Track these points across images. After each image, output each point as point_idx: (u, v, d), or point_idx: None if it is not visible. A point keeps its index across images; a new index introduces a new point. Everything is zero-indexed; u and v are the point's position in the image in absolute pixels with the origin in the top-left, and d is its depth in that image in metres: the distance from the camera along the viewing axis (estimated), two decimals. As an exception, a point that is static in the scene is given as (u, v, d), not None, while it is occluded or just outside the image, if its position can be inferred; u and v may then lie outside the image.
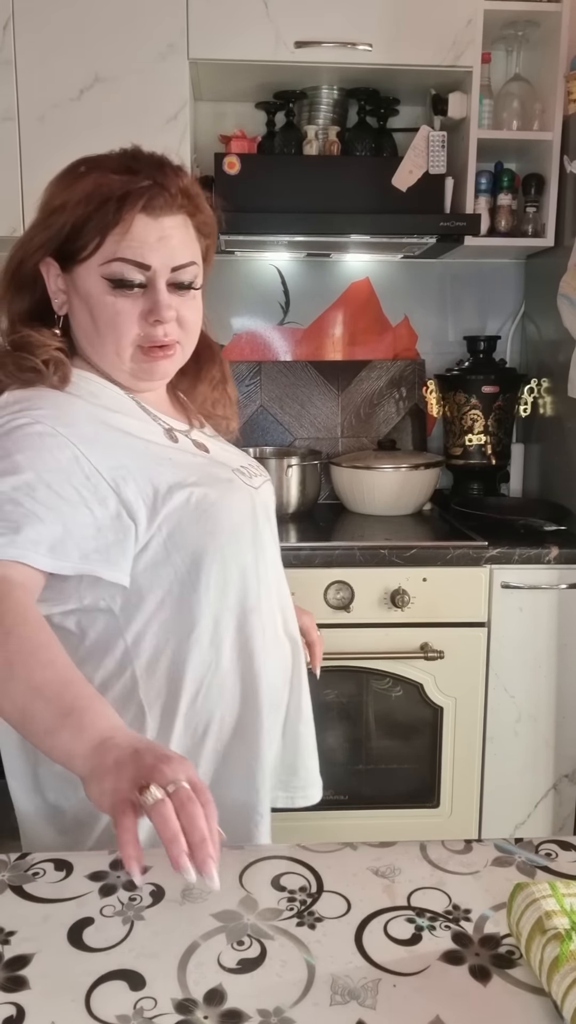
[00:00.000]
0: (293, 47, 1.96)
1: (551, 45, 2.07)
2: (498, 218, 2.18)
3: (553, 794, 1.99)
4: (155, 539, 0.92)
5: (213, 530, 0.95)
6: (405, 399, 2.44)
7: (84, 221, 0.91)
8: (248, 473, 1.08)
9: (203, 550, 0.94)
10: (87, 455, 0.89)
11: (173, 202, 0.93)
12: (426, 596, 1.87)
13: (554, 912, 0.63)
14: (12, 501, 0.82)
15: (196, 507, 0.94)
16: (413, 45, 1.99)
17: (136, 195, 0.91)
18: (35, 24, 1.93)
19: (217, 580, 0.96)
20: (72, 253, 0.93)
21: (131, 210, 0.91)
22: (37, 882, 0.76)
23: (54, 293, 0.97)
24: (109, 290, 0.93)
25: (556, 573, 1.90)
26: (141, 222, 0.91)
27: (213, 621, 0.97)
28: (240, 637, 0.99)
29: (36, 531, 0.82)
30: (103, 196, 0.90)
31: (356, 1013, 0.61)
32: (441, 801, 1.96)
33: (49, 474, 0.85)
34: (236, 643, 0.99)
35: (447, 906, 0.73)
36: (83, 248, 0.92)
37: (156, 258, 0.93)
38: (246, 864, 0.78)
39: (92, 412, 0.95)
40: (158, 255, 0.93)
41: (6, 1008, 0.61)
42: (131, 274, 0.92)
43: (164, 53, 1.95)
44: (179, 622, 0.95)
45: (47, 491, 0.84)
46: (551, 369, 2.22)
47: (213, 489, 0.97)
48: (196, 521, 0.94)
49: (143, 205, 0.91)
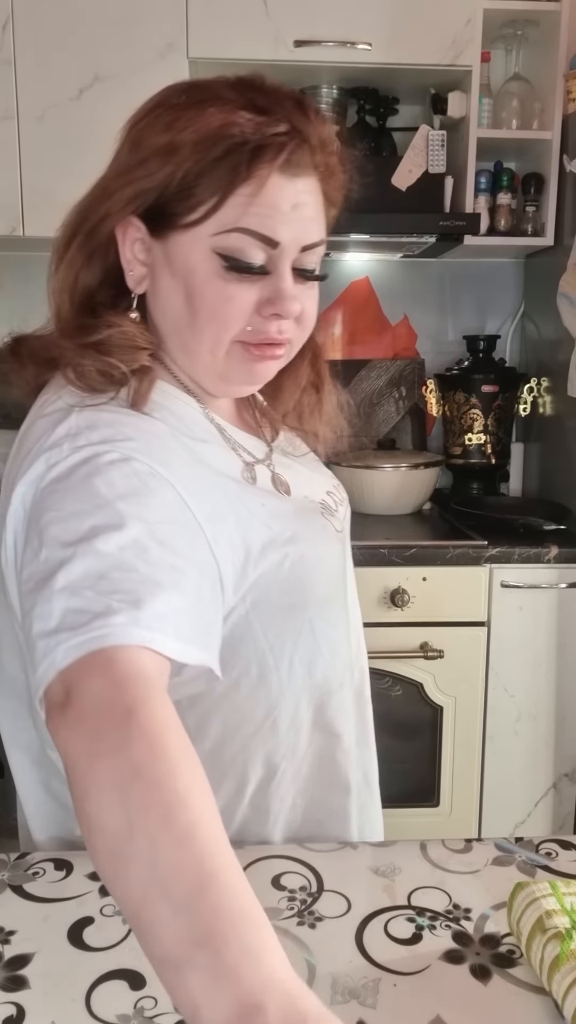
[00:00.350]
0: (292, 46, 1.96)
1: (550, 44, 2.07)
2: (497, 217, 2.18)
3: (553, 793, 1.99)
4: (237, 611, 0.74)
5: (306, 601, 0.79)
6: (405, 398, 2.44)
7: (200, 173, 0.68)
8: (334, 501, 0.90)
9: (292, 624, 0.78)
10: (188, 503, 0.69)
11: (312, 159, 0.71)
12: (426, 595, 1.87)
13: (554, 911, 0.63)
14: (122, 566, 0.60)
15: (289, 573, 0.76)
16: (412, 44, 1.99)
17: (276, 147, 0.68)
18: (34, 23, 1.93)
19: (303, 657, 0.79)
20: (172, 214, 0.70)
21: (267, 165, 0.68)
22: (37, 882, 0.76)
23: (130, 263, 0.74)
24: (220, 270, 0.71)
25: (556, 572, 1.89)
26: (275, 183, 0.69)
27: (294, 702, 0.80)
28: (324, 716, 0.84)
29: (163, 602, 0.59)
30: (232, 142, 0.67)
31: (357, 1013, 0.61)
32: (441, 800, 1.96)
33: (159, 527, 0.64)
34: (318, 723, 0.83)
35: (447, 905, 0.72)
36: (192, 209, 0.69)
37: (287, 232, 0.71)
38: (246, 864, 0.78)
39: (180, 442, 0.74)
40: (289, 229, 0.71)
41: (6, 1008, 0.61)
42: (253, 252, 0.70)
43: (164, 52, 1.95)
44: (253, 705, 0.78)
45: (160, 549, 0.62)
46: (551, 368, 2.22)
47: (308, 545, 0.79)
48: (288, 591, 0.76)
49: (283, 160, 0.68)
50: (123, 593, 0.58)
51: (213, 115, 0.68)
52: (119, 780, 0.50)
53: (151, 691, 0.55)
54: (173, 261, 0.72)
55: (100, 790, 0.50)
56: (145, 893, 0.47)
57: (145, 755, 0.51)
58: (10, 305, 2.24)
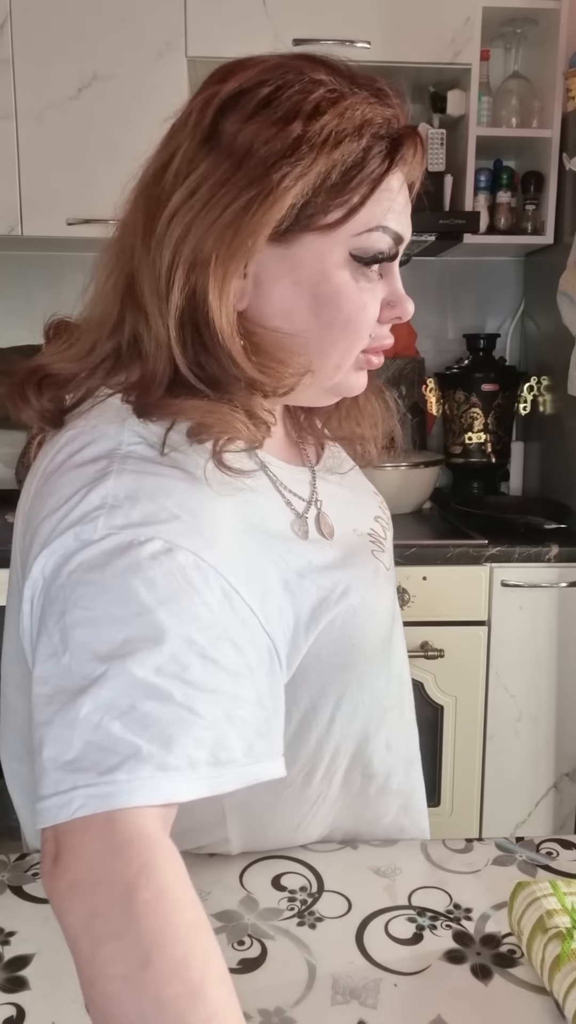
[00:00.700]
0: (291, 45, 1.96)
1: (550, 42, 2.06)
2: (497, 215, 2.18)
3: (554, 793, 1.99)
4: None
5: (356, 659, 0.73)
6: (405, 397, 2.43)
7: (353, 167, 0.62)
8: (382, 527, 0.84)
9: (338, 682, 0.73)
10: (236, 587, 0.62)
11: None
12: (426, 595, 1.87)
13: (555, 911, 0.63)
14: (156, 692, 0.53)
15: (340, 632, 0.70)
16: (411, 42, 1.99)
17: (410, 138, 0.64)
18: (33, 23, 1.93)
19: (345, 712, 0.74)
20: (311, 214, 0.62)
21: (402, 158, 0.64)
22: (37, 883, 0.76)
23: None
24: (353, 274, 0.65)
25: (556, 571, 1.89)
26: (396, 177, 0.65)
27: (331, 754, 0.75)
28: (360, 761, 0.79)
29: (194, 739, 0.54)
30: (375, 132, 0.63)
31: (357, 1013, 0.61)
32: (442, 800, 1.96)
33: (203, 634, 0.57)
34: (353, 768, 0.79)
35: (448, 905, 0.72)
36: (341, 206, 0.62)
37: (406, 230, 0.67)
38: (246, 864, 0.78)
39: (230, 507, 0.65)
40: (407, 225, 0.67)
41: (6, 1009, 0.61)
42: (386, 251, 0.65)
43: (162, 51, 1.95)
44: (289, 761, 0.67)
45: (202, 664, 0.56)
46: (551, 367, 2.22)
47: (358, 597, 0.72)
48: (339, 652, 0.71)
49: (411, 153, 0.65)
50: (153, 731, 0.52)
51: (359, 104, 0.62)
52: (127, 969, 0.45)
53: (153, 854, 0.49)
54: (299, 267, 0.64)
55: (108, 980, 0.46)
56: None
57: (153, 940, 0.46)
58: (9, 306, 2.24)
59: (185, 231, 0.61)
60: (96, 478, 0.60)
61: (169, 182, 0.62)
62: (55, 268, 2.21)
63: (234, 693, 0.58)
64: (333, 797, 0.78)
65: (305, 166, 0.60)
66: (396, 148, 0.63)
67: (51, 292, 2.19)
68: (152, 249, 0.62)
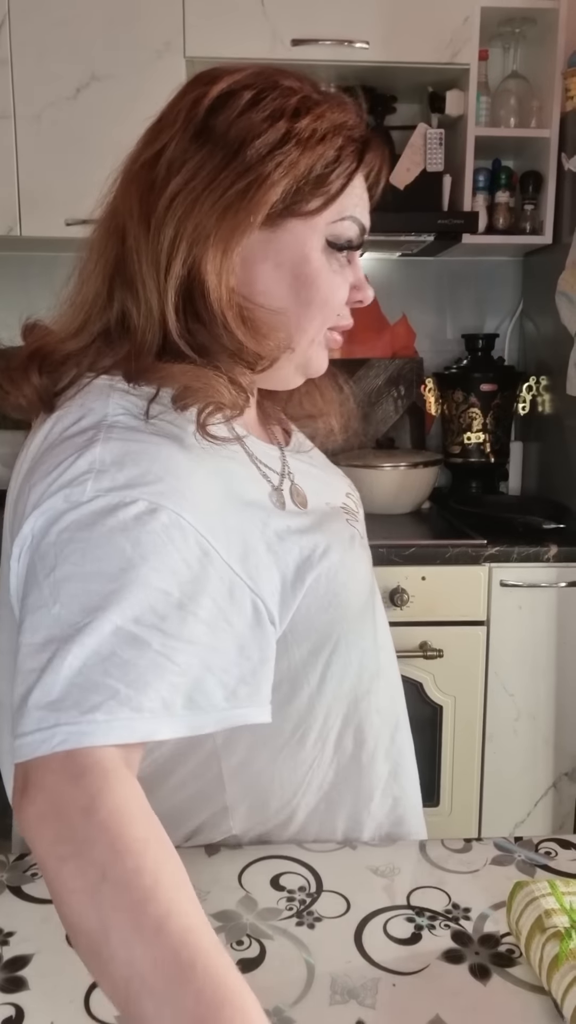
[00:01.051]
0: (290, 45, 1.96)
1: (548, 42, 2.07)
2: (496, 216, 2.18)
3: (553, 792, 1.99)
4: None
5: (343, 616, 0.77)
6: (403, 397, 2.44)
7: (333, 160, 0.71)
8: (354, 503, 0.89)
9: (327, 640, 0.77)
10: (215, 546, 0.66)
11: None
12: (425, 595, 1.87)
13: (554, 910, 0.63)
14: (135, 641, 0.58)
15: (326, 590, 0.74)
16: (410, 42, 1.99)
17: (375, 141, 0.74)
18: (31, 23, 1.93)
19: (335, 671, 0.79)
20: (296, 202, 0.71)
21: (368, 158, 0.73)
22: (36, 883, 0.76)
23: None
24: (327, 257, 0.73)
25: (555, 571, 1.89)
26: (361, 175, 0.74)
27: (323, 715, 0.79)
28: (351, 725, 0.82)
29: (169, 684, 0.59)
30: (347, 135, 0.72)
31: (356, 1012, 0.61)
32: (441, 800, 1.96)
33: (181, 588, 0.62)
34: (345, 732, 0.82)
35: (447, 905, 0.72)
36: (322, 195, 0.71)
37: (367, 223, 0.76)
38: (245, 864, 0.78)
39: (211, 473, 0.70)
40: (368, 219, 0.76)
41: (5, 1009, 0.61)
42: (355, 239, 0.74)
43: (160, 51, 1.95)
44: (282, 721, 0.76)
45: (179, 615, 0.61)
46: (549, 367, 2.22)
47: (338, 557, 0.76)
48: (325, 608, 0.75)
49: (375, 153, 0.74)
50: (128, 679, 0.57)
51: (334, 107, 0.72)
52: (86, 884, 0.50)
53: (107, 781, 0.54)
54: (282, 250, 0.72)
55: (70, 894, 0.51)
56: (128, 990, 0.48)
57: (107, 855, 0.51)
58: (8, 306, 2.24)
59: (187, 210, 0.68)
60: (84, 446, 0.65)
61: (163, 170, 0.69)
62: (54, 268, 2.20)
63: (211, 644, 0.63)
64: (327, 761, 0.81)
65: (294, 158, 0.68)
66: (364, 149, 0.72)
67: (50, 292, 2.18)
68: (152, 227, 0.69)
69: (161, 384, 0.69)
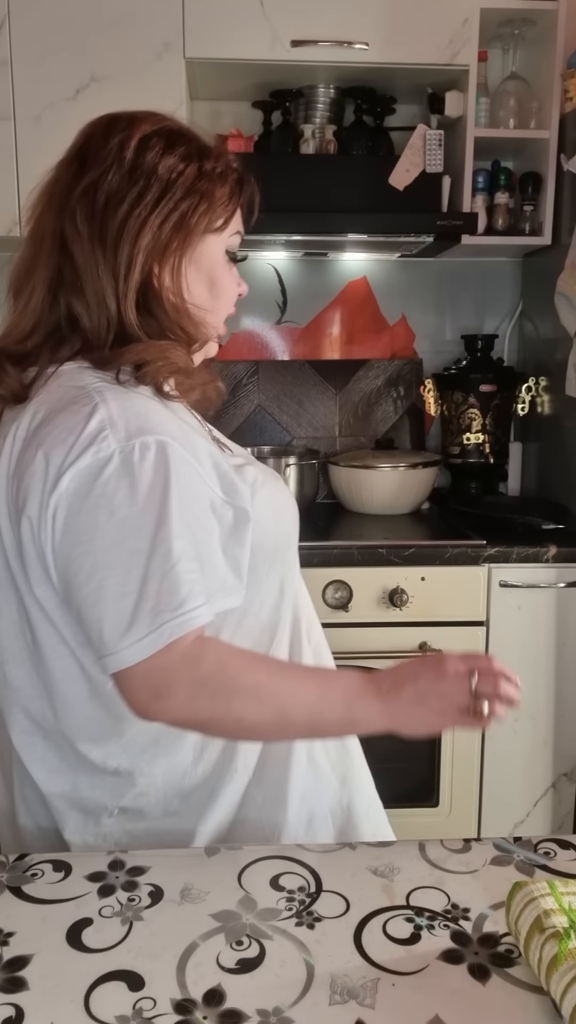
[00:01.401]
0: (289, 46, 1.96)
1: (548, 43, 2.07)
2: (495, 217, 2.18)
3: (552, 793, 1.99)
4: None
5: (288, 532, 0.97)
6: (403, 398, 2.44)
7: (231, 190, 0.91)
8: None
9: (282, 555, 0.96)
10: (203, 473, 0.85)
11: None
12: (424, 595, 1.87)
13: (553, 911, 0.63)
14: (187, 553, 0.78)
15: (275, 507, 0.94)
16: (409, 44, 1.99)
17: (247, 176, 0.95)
18: (31, 24, 1.93)
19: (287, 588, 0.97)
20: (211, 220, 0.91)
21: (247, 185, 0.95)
22: (36, 883, 0.76)
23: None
24: (226, 264, 0.94)
25: (554, 572, 1.90)
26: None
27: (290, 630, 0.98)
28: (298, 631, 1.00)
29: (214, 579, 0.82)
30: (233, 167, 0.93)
31: (355, 1012, 0.61)
32: (440, 800, 1.96)
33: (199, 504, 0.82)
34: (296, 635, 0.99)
35: (446, 905, 0.73)
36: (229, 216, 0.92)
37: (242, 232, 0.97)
38: (245, 864, 0.78)
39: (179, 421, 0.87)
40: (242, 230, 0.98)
41: (5, 1009, 0.61)
42: (238, 247, 0.96)
43: (160, 52, 1.95)
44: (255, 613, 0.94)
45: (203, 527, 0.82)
46: (549, 368, 2.22)
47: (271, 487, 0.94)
48: (277, 524, 0.94)
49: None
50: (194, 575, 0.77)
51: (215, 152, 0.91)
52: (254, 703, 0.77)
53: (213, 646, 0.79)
54: (201, 258, 0.91)
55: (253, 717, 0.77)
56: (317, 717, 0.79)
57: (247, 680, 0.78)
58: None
59: (139, 230, 0.86)
60: (89, 412, 0.79)
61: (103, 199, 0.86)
62: (53, 269, 2.21)
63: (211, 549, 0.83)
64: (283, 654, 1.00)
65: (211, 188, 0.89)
66: (243, 180, 0.94)
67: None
68: (108, 245, 0.85)
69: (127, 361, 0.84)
